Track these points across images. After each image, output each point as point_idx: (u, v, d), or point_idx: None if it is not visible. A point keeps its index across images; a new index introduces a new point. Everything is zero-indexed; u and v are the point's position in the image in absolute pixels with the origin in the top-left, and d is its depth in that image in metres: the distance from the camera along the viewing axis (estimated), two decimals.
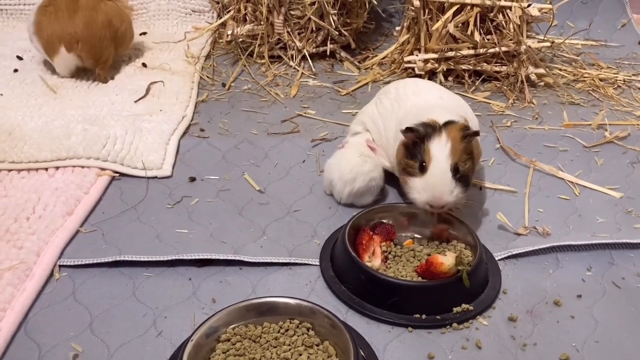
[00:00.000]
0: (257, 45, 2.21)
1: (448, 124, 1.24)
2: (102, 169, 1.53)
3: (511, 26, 1.98)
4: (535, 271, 1.24)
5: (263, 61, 2.21)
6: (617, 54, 2.37)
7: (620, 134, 1.75)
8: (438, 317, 1.11)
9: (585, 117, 1.88)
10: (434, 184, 1.20)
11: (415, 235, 1.31)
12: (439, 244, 1.27)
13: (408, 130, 1.24)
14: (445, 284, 1.11)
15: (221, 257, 1.23)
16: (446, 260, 1.11)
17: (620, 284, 1.21)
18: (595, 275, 1.23)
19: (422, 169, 1.21)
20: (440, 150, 1.20)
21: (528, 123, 1.84)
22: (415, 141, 1.24)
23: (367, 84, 2.11)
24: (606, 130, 1.77)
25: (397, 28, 2.32)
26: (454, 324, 1.10)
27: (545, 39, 2.10)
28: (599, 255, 1.29)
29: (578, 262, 1.27)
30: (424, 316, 1.11)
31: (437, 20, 2.00)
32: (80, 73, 2.02)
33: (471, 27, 1.98)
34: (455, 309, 1.12)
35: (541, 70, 2.05)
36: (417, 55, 2.09)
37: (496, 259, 1.27)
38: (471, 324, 1.11)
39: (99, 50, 1.95)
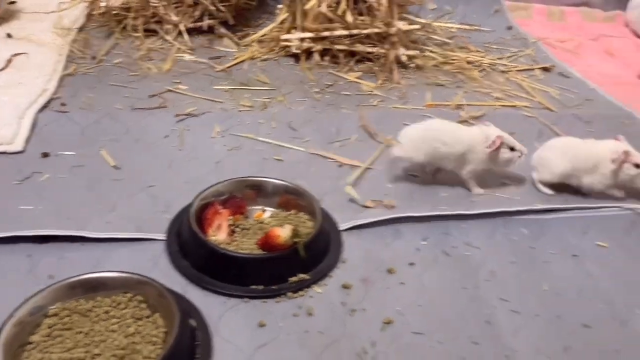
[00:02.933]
0: (131, 18, 2.15)
1: None
2: None
3: (384, 8, 2.04)
4: (376, 241, 1.31)
5: (139, 34, 2.16)
6: (487, 38, 2.50)
7: (475, 113, 1.86)
8: (274, 287, 1.15)
9: (448, 98, 1.97)
10: None
11: (266, 208, 1.35)
12: (287, 215, 1.31)
13: None
14: (281, 256, 1.15)
15: (61, 233, 1.21)
16: (283, 232, 1.15)
17: (450, 253, 1.30)
18: (429, 245, 1.32)
19: None
20: None
21: (393, 103, 1.91)
22: None
23: (243, 61, 2.11)
24: (463, 110, 1.88)
25: (280, 6, 2.33)
26: (289, 293, 1.14)
27: (416, 21, 2.19)
28: (436, 226, 1.37)
29: (416, 233, 1.35)
30: (261, 287, 1.14)
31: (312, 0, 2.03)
32: None
33: (343, 7, 2.02)
34: (291, 279, 1.16)
35: (411, 52, 2.14)
36: (294, 34, 2.11)
37: (340, 229, 1.32)
38: (306, 293, 1.16)
39: None
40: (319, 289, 1.17)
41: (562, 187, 1.51)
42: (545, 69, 2.25)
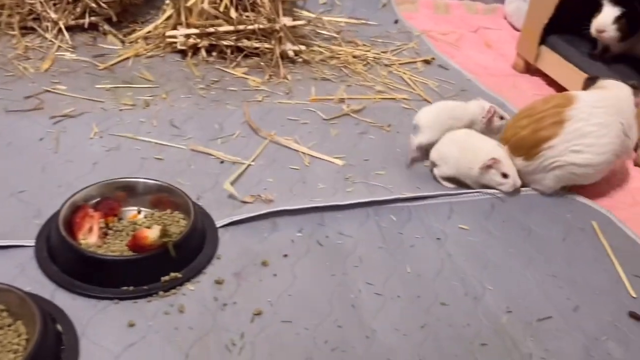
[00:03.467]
0: (6, 15, 2.07)
1: None
2: None
3: (267, 4, 2.08)
4: (253, 236, 1.35)
5: (15, 33, 2.08)
6: (374, 32, 2.59)
7: (356, 107, 1.94)
8: (146, 287, 1.17)
9: (333, 92, 2.04)
10: None
11: (142, 209, 1.36)
12: (161, 215, 1.33)
13: None
14: (150, 256, 1.17)
15: None
16: (151, 233, 1.17)
17: (323, 242, 1.36)
18: (304, 236, 1.37)
19: None
20: None
21: (279, 98, 1.96)
22: None
23: (128, 58, 2.08)
24: (345, 104, 1.95)
25: (167, 2, 2.31)
26: (161, 292, 1.17)
27: (301, 16, 2.24)
28: (311, 217, 1.43)
29: (292, 225, 1.40)
30: (131, 288, 1.16)
31: None
32: None
33: (226, 3, 2.04)
34: (163, 278, 1.18)
35: (297, 47, 2.18)
36: (179, 30, 2.11)
37: (217, 226, 1.36)
38: (179, 291, 1.19)
39: None
40: (191, 286, 1.20)
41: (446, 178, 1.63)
42: (426, 62, 2.37)
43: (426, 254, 1.37)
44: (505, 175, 1.54)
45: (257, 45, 2.14)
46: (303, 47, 2.21)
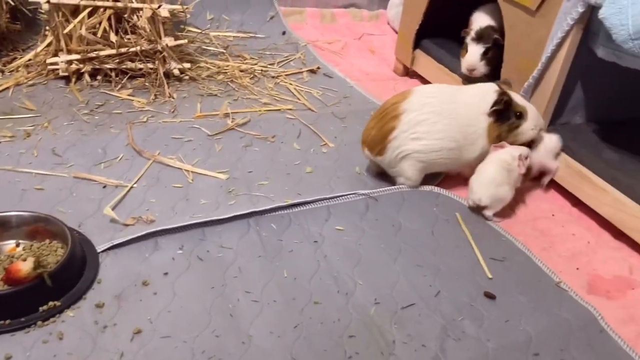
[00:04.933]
0: None
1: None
2: None
3: (147, 27, 2.11)
4: (134, 257, 1.40)
5: None
6: (262, 44, 2.68)
7: (241, 120, 2.01)
8: (23, 319, 1.19)
9: (219, 107, 2.10)
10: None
11: (20, 241, 1.37)
12: (40, 246, 1.35)
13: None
14: (25, 289, 1.19)
15: None
16: (24, 265, 1.20)
17: (203, 257, 1.43)
18: (185, 253, 1.43)
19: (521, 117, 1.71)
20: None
21: (164, 117, 2.00)
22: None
23: (8, 87, 2.06)
24: (229, 118, 2.02)
25: (48, 28, 2.29)
26: (39, 322, 1.19)
27: (184, 35, 2.29)
28: (193, 234, 1.49)
29: (173, 243, 1.46)
30: (8, 321, 1.18)
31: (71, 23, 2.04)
32: None
33: (105, 28, 2.06)
34: (41, 308, 1.21)
35: (181, 66, 2.23)
36: (60, 57, 2.10)
37: (98, 251, 1.39)
38: (58, 318, 1.22)
39: None
40: (71, 312, 1.23)
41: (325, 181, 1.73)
42: (312, 71, 2.48)
43: (303, 258, 1.46)
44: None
45: (141, 66, 2.17)
46: (188, 65, 2.26)
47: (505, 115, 1.71)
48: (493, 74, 2.11)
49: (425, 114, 1.65)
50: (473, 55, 2.09)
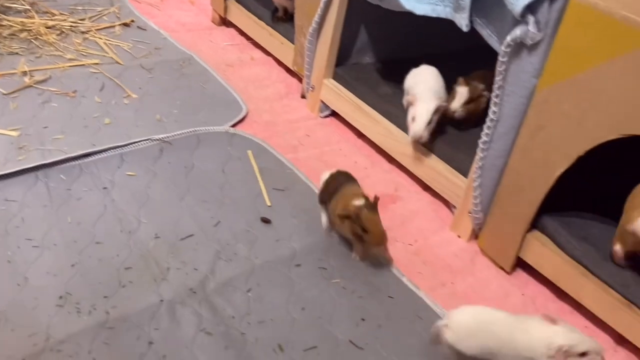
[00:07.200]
0: None
1: None
2: None
3: None
4: None
5: None
6: (75, 0, 2.62)
7: (40, 77, 2.00)
8: None
9: (19, 65, 2.07)
10: None
11: None
12: None
13: None
14: None
15: None
16: None
17: None
18: None
19: None
20: None
21: None
22: None
23: None
24: (27, 76, 2.00)
25: None
26: None
27: None
28: None
29: None
30: None
31: None
32: None
33: None
34: None
35: None
36: None
37: None
38: None
39: None
40: None
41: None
42: (125, 25, 2.48)
43: (90, 204, 1.53)
44: None
45: None
46: None
47: None
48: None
49: None
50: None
